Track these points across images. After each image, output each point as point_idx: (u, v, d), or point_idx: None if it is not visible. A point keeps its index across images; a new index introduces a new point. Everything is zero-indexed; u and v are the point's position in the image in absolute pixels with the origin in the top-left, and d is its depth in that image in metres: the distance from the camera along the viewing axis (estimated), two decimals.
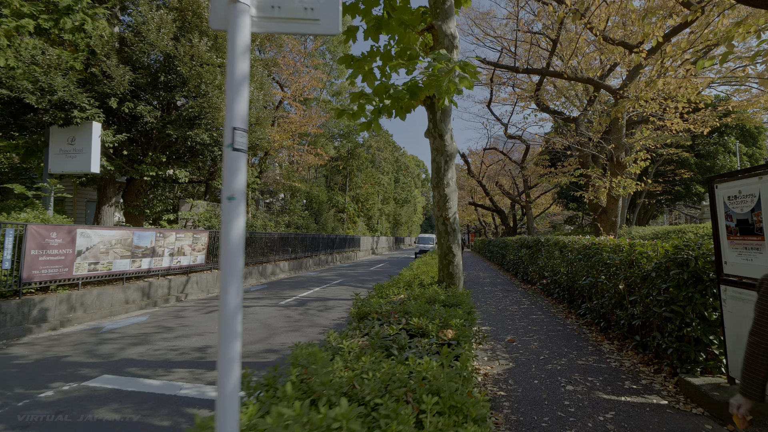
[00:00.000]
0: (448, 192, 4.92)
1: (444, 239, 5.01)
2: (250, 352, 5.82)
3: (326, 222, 25.32)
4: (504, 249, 17.40)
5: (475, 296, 9.84)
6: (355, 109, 4.77)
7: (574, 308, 7.48)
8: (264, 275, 16.13)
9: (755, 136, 19.50)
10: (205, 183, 15.06)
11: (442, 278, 5.10)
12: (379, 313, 3.41)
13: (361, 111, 4.79)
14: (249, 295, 11.61)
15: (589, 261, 6.54)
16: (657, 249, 4.74)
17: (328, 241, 24.17)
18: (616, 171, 10.11)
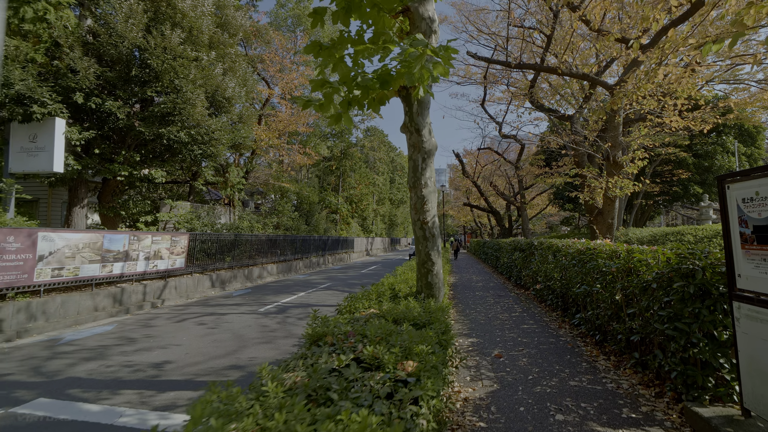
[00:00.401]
0: (426, 193, 4.42)
1: (422, 245, 4.51)
2: (212, 369, 5.29)
3: (318, 223, 24.79)
4: (498, 251, 16.93)
5: (465, 302, 9.35)
6: (322, 100, 4.27)
7: (568, 317, 7.00)
8: (250, 279, 15.58)
9: (754, 136, 19.12)
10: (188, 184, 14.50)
11: (420, 289, 4.60)
12: (335, 336, 2.91)
13: (328, 102, 4.27)
14: (229, 300, 11.08)
15: (583, 267, 6.06)
16: (658, 256, 4.26)
17: (320, 242, 23.63)
18: (613, 171, 9.65)
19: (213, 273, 13.52)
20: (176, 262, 11.69)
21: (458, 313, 8.11)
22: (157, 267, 10.94)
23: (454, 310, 8.42)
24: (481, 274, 16.72)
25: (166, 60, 8.95)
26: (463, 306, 8.91)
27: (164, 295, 10.93)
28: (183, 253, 11.97)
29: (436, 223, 4.55)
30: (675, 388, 3.58)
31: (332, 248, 26.33)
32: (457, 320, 7.48)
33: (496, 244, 18.09)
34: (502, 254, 15.21)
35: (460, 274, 17.09)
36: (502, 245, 15.96)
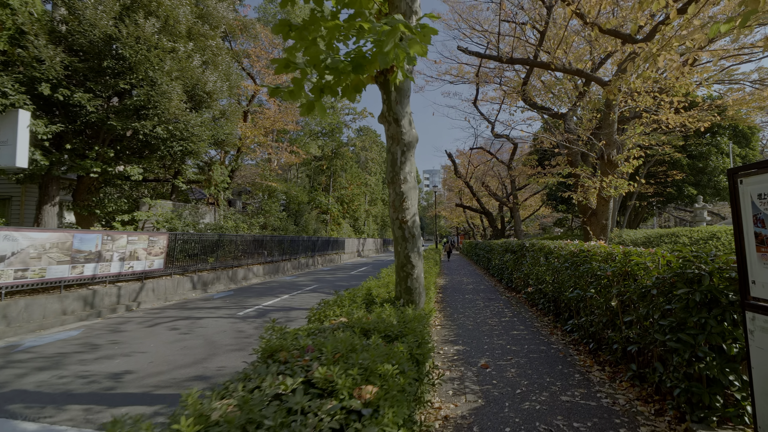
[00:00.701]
0: (406, 189, 4.02)
1: (401, 247, 4.11)
2: (174, 380, 4.85)
3: (307, 223, 24.32)
4: (489, 253, 16.61)
5: (453, 306, 8.98)
6: (291, 87, 3.86)
7: (560, 323, 6.65)
8: (234, 280, 15.09)
9: (748, 137, 19.01)
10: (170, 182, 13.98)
11: (399, 294, 4.20)
12: (290, 352, 2.50)
13: (298, 88, 3.86)
14: (208, 303, 10.60)
15: (576, 270, 5.70)
16: (657, 260, 3.90)
17: (309, 243, 23.16)
18: (607, 170, 9.34)
19: (194, 274, 13.03)
20: (154, 263, 11.19)
21: (446, 318, 7.73)
22: (134, 268, 10.44)
23: (442, 315, 8.04)
24: (472, 276, 16.38)
25: (140, 50, 8.47)
26: (451, 310, 8.54)
27: (140, 298, 10.43)
28: (162, 253, 11.47)
29: (417, 223, 4.16)
30: (678, 406, 3.21)
31: (322, 249, 25.87)
32: (444, 325, 7.10)
33: (487, 245, 17.77)
34: (494, 256, 14.88)
35: (451, 275, 16.73)
36: (493, 247, 15.63)
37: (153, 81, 8.73)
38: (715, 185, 18.64)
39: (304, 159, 28.65)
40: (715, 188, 18.72)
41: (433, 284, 8.74)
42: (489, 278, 15.23)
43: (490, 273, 16.32)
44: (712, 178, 18.57)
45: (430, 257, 12.50)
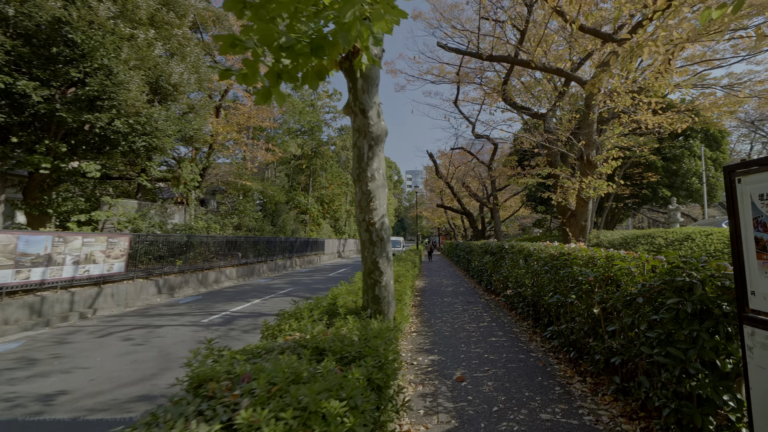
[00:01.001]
0: (373, 187, 3.63)
1: (368, 251, 3.72)
2: (115, 401, 4.32)
3: (285, 224, 23.64)
4: (469, 254, 16.41)
5: (431, 310, 8.64)
6: (244, 69, 3.41)
7: (540, 328, 6.39)
8: (204, 284, 14.39)
9: (719, 141, 19.47)
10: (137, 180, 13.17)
11: (367, 303, 3.80)
12: (221, 382, 2.07)
13: (252, 72, 3.40)
14: (172, 309, 9.96)
15: (556, 274, 5.43)
16: (642, 264, 3.63)
17: (287, 244, 22.52)
18: (587, 170, 9.19)
19: (160, 278, 12.30)
20: (114, 266, 10.46)
21: (422, 323, 7.38)
22: (90, 272, 9.69)
23: (419, 320, 7.69)
24: (452, 277, 16.14)
25: (94, 36, 7.79)
26: (428, 315, 8.20)
27: (97, 304, 9.70)
28: (123, 256, 10.73)
29: (386, 225, 3.78)
30: (667, 427, 2.93)
31: (300, 250, 25.24)
32: (420, 332, 6.75)
33: (467, 246, 17.59)
34: (474, 257, 14.68)
35: (431, 277, 16.45)
36: (473, 248, 15.43)
37: (109, 70, 8.05)
38: (688, 187, 18.99)
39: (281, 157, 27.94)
40: (687, 190, 19.07)
41: (410, 288, 8.39)
42: (469, 280, 15.01)
43: (470, 275, 16.12)
44: (686, 180, 18.91)
45: (409, 259, 12.16)
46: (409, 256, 14.06)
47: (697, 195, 19.07)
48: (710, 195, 19.56)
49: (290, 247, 23.14)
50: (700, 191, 18.93)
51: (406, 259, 11.49)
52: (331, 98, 31.04)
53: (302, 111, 26.44)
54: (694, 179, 18.92)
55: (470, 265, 15.89)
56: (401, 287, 6.61)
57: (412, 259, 12.33)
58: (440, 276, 16.88)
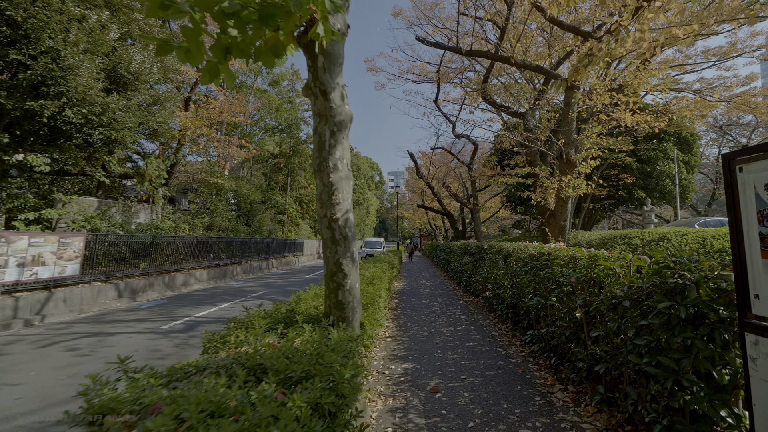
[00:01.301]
0: (336, 179, 3.24)
1: (330, 251, 3.32)
2: (41, 424, 3.77)
3: (261, 224, 22.91)
4: (449, 254, 16.18)
5: (408, 313, 8.29)
6: (185, 42, 2.95)
7: (519, 331, 6.12)
8: (171, 287, 13.65)
9: (690, 144, 19.93)
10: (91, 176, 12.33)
11: (329, 310, 3.41)
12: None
13: (194, 45, 2.94)
14: (131, 314, 9.28)
15: (536, 275, 5.16)
16: (628, 264, 3.37)
17: (263, 245, 21.81)
18: (566, 169, 9.05)
19: (121, 281, 11.54)
20: (67, 268, 9.69)
21: (398, 327, 7.01)
22: (38, 275, 8.93)
23: (395, 324, 7.33)
24: (431, 278, 15.87)
25: (38, 14, 7.10)
26: (405, 318, 7.84)
27: (46, 310, 8.93)
28: (77, 257, 9.97)
29: (351, 222, 3.39)
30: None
31: (277, 251, 24.54)
32: (396, 337, 6.38)
33: (447, 247, 17.38)
34: (453, 258, 14.44)
35: (410, 278, 16.14)
36: (453, 248, 15.21)
37: (57, 53, 7.36)
38: (662, 189, 19.34)
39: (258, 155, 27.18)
40: (661, 192, 19.42)
41: (386, 290, 8.03)
42: (448, 281, 14.77)
43: (450, 275, 15.90)
44: (659, 182, 19.25)
45: (387, 260, 11.79)
46: (388, 257, 13.70)
47: (671, 197, 19.44)
48: (682, 196, 19.99)
49: (266, 248, 22.43)
50: (673, 193, 19.30)
51: (384, 260, 11.12)
52: None
53: (279, 107, 25.68)
54: (668, 181, 19.28)
55: (450, 266, 15.67)
56: (375, 290, 6.24)
57: (390, 261, 11.97)
58: (420, 277, 16.59)
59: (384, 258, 12.51)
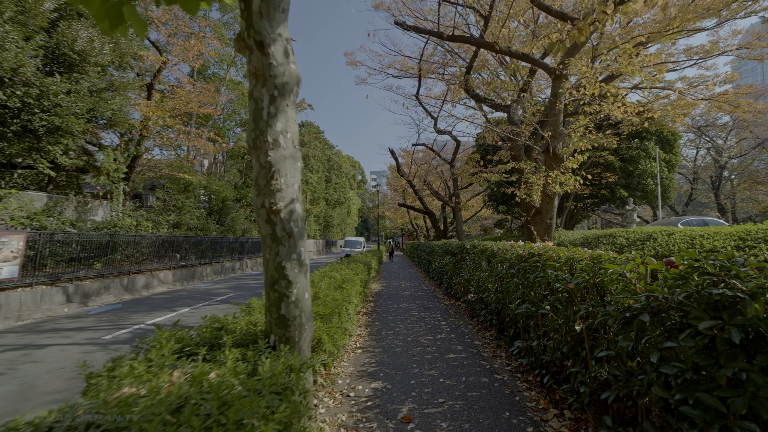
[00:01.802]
0: (276, 158, 2.50)
1: (270, 252, 2.58)
2: None
3: (234, 223, 21.83)
4: (430, 255, 15.58)
5: (384, 319, 7.59)
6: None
7: (505, 340, 5.49)
8: (131, 290, 12.56)
9: (671, 143, 19.91)
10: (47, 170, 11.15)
11: (270, 328, 2.66)
12: None
13: None
14: (74, 322, 8.27)
15: (525, 279, 4.53)
16: (643, 269, 2.74)
17: (236, 245, 20.74)
18: (552, 164, 8.52)
19: (71, 284, 10.45)
20: (2, 270, 8.60)
21: (372, 336, 6.30)
22: None
23: (368, 332, 6.61)
24: (411, 279, 15.22)
25: None
26: (380, 324, 7.13)
27: None
28: (15, 258, 8.88)
29: (298, 214, 2.64)
30: None
31: (253, 251, 23.47)
32: (367, 348, 5.66)
33: (428, 246, 16.78)
34: (434, 258, 13.83)
35: (389, 279, 15.46)
36: (433, 248, 14.61)
37: None
38: (644, 188, 19.23)
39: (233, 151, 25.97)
40: (643, 191, 19.32)
41: (358, 294, 7.32)
42: (429, 282, 14.15)
43: (430, 276, 15.29)
44: (641, 181, 19.13)
45: (363, 261, 11.06)
46: (365, 258, 12.97)
47: (652, 196, 19.35)
48: (664, 196, 19.96)
49: (240, 248, 21.36)
50: (655, 192, 19.22)
51: (360, 261, 10.38)
52: None
53: None
54: (649, 180, 19.18)
55: (430, 267, 15.06)
56: (345, 295, 5.51)
57: (366, 261, 11.23)
58: (399, 278, 15.93)
59: (360, 258, 11.77)
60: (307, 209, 39.16)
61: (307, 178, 37.94)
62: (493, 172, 15.30)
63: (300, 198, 2.68)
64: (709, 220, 15.23)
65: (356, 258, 11.85)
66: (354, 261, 10.08)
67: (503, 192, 23.51)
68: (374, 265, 14.21)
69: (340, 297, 5.13)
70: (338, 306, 4.84)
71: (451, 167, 19.02)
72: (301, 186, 2.74)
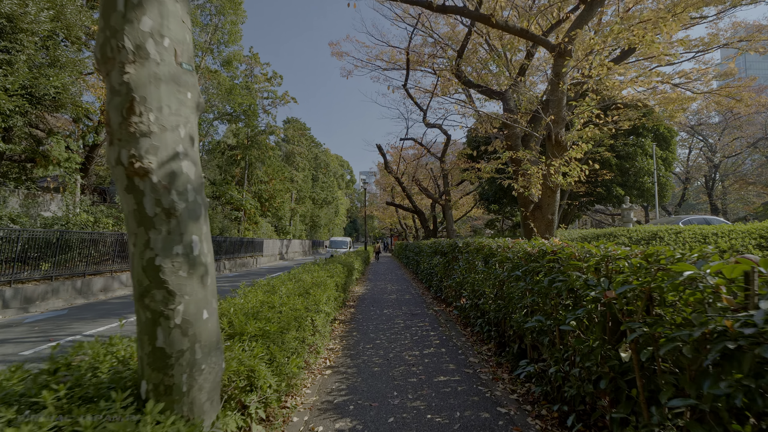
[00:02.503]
0: (140, 77, 1.44)
1: (137, 240, 1.48)
2: None
3: (210, 221, 20.54)
4: (418, 255, 14.59)
5: (364, 329, 6.55)
6: None
7: (507, 358, 4.50)
8: (86, 293, 11.29)
9: (668, 140, 19.29)
10: None
11: (141, 369, 1.56)
12: None
13: None
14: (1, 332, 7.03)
15: (536, 284, 3.53)
16: (735, 271, 1.75)
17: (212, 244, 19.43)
18: (555, 152, 7.58)
19: (9, 287, 9.18)
20: None
21: (346, 352, 5.25)
22: None
23: (342, 345, 5.57)
24: (398, 282, 14.21)
25: None
26: (358, 336, 6.09)
27: None
28: None
29: (187, 180, 1.58)
30: None
31: (231, 251, 22.19)
32: (338, 368, 4.61)
33: (417, 246, 15.79)
34: (423, 258, 12.84)
35: (374, 281, 14.42)
36: (422, 248, 13.62)
37: None
38: (640, 186, 18.56)
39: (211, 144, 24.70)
40: (639, 189, 18.65)
41: (331, 300, 6.27)
42: (417, 285, 13.15)
43: (419, 278, 14.30)
44: (638, 179, 18.46)
45: (343, 261, 10.01)
46: (348, 259, 11.91)
47: (649, 194, 18.69)
48: (660, 194, 19.33)
49: (216, 248, 20.07)
50: (651, 190, 18.57)
51: (339, 262, 9.33)
52: (270, 82, 27.74)
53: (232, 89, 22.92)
54: (646, 178, 18.52)
55: (419, 268, 14.07)
56: (309, 303, 4.47)
57: (348, 262, 10.17)
58: (385, 280, 14.90)
59: (341, 259, 10.72)
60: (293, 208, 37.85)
61: (292, 176, 36.62)
62: (487, 161, 14.36)
63: (195, 155, 1.63)
64: (712, 219, 14.56)
65: (337, 258, 10.79)
66: (332, 262, 9.02)
67: (495, 189, 22.69)
68: (357, 267, 13.15)
69: (302, 306, 4.08)
70: (299, 318, 3.80)
71: (441, 162, 18.08)
72: (197, 135, 1.68)
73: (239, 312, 3.05)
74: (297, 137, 41.11)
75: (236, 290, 4.38)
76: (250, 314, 3.13)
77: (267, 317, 3.15)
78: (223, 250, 20.81)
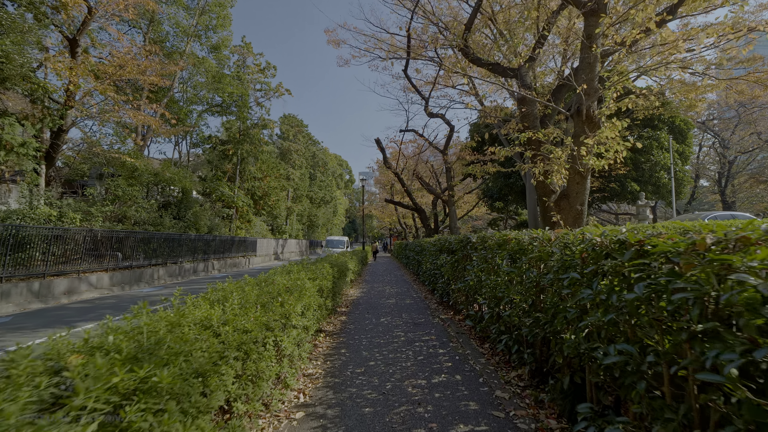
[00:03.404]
0: None
1: None
2: None
3: (198, 219, 19.20)
4: (420, 254, 13.31)
5: (356, 345, 5.29)
6: None
7: (552, 396, 3.21)
8: (45, 296, 9.99)
9: (684, 133, 18.04)
10: None
11: None
12: None
13: None
14: None
15: (614, 293, 2.26)
16: None
17: (199, 243, 18.16)
18: (586, 129, 6.32)
19: None
20: None
21: (328, 380, 3.98)
22: None
23: (325, 369, 4.30)
24: (398, 284, 12.93)
25: None
26: (349, 354, 4.82)
27: None
28: None
29: None
30: None
31: (221, 251, 20.87)
32: (317, 404, 3.34)
33: (418, 245, 14.51)
34: (425, 258, 11.56)
35: (372, 283, 13.15)
36: (424, 246, 12.35)
37: None
38: (656, 181, 17.32)
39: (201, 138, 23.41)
40: (655, 185, 17.40)
41: (310, 310, 5.01)
42: (419, 287, 11.88)
43: (421, 280, 13.02)
44: (654, 173, 17.22)
45: (333, 261, 8.76)
46: (341, 258, 10.65)
47: (665, 190, 17.45)
48: (677, 190, 18.09)
49: (205, 247, 18.77)
50: (668, 186, 17.32)
51: (330, 262, 8.06)
52: (263, 73, 26.29)
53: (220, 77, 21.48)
54: (662, 173, 17.28)
55: (421, 268, 12.79)
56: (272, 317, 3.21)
57: (340, 263, 8.91)
58: (383, 282, 13.62)
59: (331, 259, 9.47)
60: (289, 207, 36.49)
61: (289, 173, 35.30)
62: (505, 137, 12.94)
63: None
64: (738, 214, 13.34)
65: (327, 258, 9.53)
66: (321, 261, 7.77)
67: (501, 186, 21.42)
68: (352, 267, 11.88)
69: (260, 323, 2.82)
70: (250, 343, 2.54)
71: (443, 155, 16.81)
72: None
73: (111, 347, 1.75)
74: (293, 133, 39.79)
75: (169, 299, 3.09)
76: (143, 349, 1.85)
77: (172, 352, 1.87)
78: (212, 250, 19.50)
